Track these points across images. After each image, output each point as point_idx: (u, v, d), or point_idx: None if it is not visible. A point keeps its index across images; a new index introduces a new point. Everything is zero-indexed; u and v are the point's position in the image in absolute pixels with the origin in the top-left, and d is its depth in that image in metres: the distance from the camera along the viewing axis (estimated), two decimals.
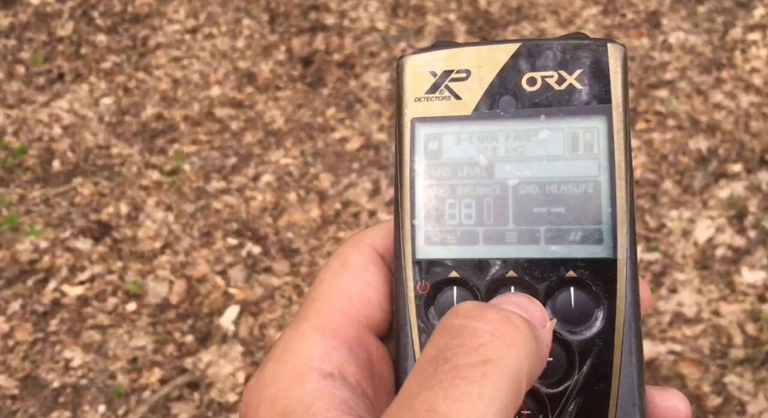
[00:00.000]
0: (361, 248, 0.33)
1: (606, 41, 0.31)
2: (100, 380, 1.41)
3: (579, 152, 0.31)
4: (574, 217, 0.30)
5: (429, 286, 0.31)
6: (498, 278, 0.31)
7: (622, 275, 0.29)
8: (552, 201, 0.31)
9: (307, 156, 1.84)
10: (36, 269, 1.61)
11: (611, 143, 0.30)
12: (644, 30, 1.99)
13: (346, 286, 0.32)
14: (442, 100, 0.33)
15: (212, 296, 1.54)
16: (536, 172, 0.31)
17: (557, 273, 0.30)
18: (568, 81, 0.31)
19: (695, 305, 1.39)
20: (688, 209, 1.56)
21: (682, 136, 1.71)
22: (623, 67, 0.31)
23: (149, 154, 1.88)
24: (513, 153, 0.32)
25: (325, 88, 2.03)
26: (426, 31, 2.15)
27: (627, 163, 0.30)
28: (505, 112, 0.32)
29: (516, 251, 0.31)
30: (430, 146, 0.32)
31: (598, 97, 0.31)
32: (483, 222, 0.31)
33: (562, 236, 0.30)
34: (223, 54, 2.16)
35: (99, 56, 2.17)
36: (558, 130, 0.31)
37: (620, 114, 0.31)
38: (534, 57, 0.32)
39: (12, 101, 2.04)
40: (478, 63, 0.32)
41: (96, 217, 1.71)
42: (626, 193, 0.30)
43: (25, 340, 1.48)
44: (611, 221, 0.30)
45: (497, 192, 0.31)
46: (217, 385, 1.38)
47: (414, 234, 0.32)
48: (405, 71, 0.34)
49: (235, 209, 1.73)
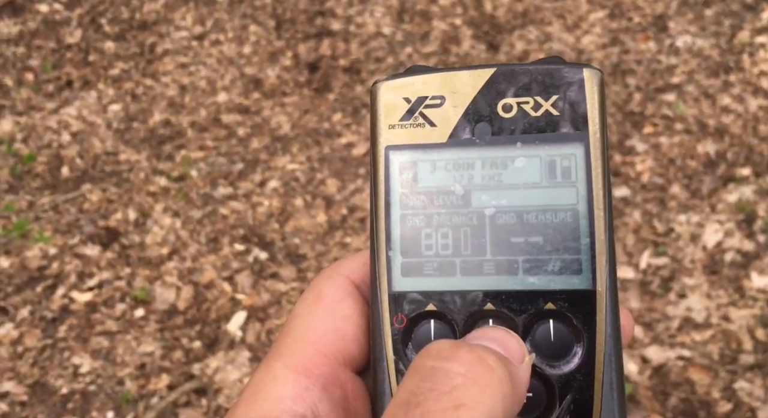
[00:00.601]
0: (337, 279, 0.32)
1: (582, 66, 0.31)
2: (108, 386, 1.41)
3: (556, 180, 0.30)
4: (552, 247, 0.30)
5: (406, 319, 0.30)
6: (476, 311, 0.30)
7: (601, 307, 0.29)
8: (530, 231, 0.30)
9: (313, 161, 1.85)
10: (45, 275, 1.62)
11: (589, 171, 0.30)
12: (651, 33, 1.98)
13: (320, 320, 0.30)
14: (417, 127, 0.32)
15: (219, 301, 1.55)
16: (513, 200, 0.30)
17: (536, 305, 0.29)
18: (545, 107, 0.31)
19: (704, 310, 1.38)
20: (696, 213, 1.55)
21: (689, 140, 1.70)
22: (600, 92, 0.31)
23: (157, 160, 1.89)
24: (489, 181, 0.31)
25: (332, 94, 2.04)
26: (432, 36, 2.15)
27: (605, 191, 0.30)
28: (480, 140, 0.31)
29: (494, 282, 0.30)
30: (405, 175, 0.32)
31: (575, 123, 0.30)
32: (460, 253, 0.31)
33: (541, 266, 0.30)
34: (230, 60, 2.17)
35: (107, 63, 2.18)
36: (535, 157, 0.30)
37: (597, 141, 0.30)
38: (509, 82, 0.31)
39: (21, 108, 2.05)
40: (452, 89, 0.32)
41: (104, 223, 1.72)
42: (605, 222, 0.29)
43: (34, 346, 1.49)
44: (590, 251, 0.29)
45: (474, 222, 0.31)
46: (225, 391, 1.39)
47: (390, 265, 0.31)
48: (378, 98, 0.33)
49: (241, 215, 1.73)
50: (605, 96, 0.31)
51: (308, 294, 0.32)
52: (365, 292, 0.32)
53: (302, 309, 0.31)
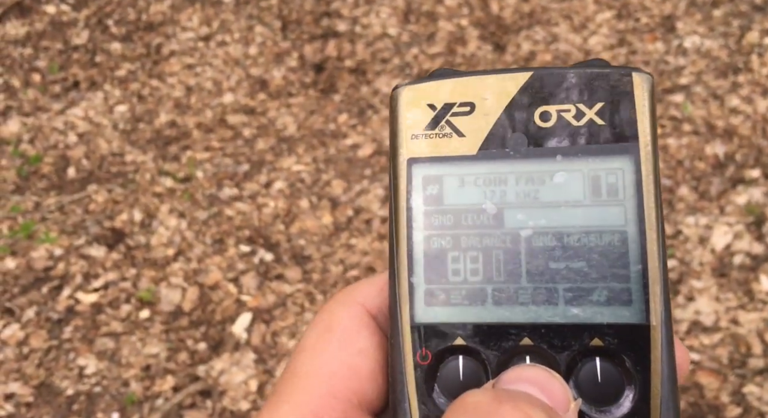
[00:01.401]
0: (351, 307, 0.29)
1: (631, 70, 0.28)
2: (113, 387, 1.41)
3: (601, 198, 0.27)
4: (598, 274, 0.26)
5: (431, 355, 0.27)
6: (511, 347, 0.27)
7: (656, 345, 0.25)
8: (571, 255, 0.27)
9: (319, 162, 1.84)
10: (50, 276, 1.62)
11: (639, 187, 0.27)
12: (659, 34, 1.97)
13: (331, 356, 0.27)
14: (443, 137, 0.29)
15: (225, 303, 1.55)
16: (552, 221, 0.27)
17: (580, 341, 0.26)
18: (588, 116, 0.28)
19: (713, 313, 1.37)
20: (704, 216, 1.54)
21: (698, 141, 1.69)
22: (651, 99, 0.27)
23: (162, 161, 1.89)
24: (525, 199, 0.28)
25: (337, 95, 2.03)
26: (438, 37, 2.14)
27: (658, 211, 0.26)
28: (515, 152, 0.28)
29: (531, 313, 0.27)
30: (430, 191, 0.29)
31: (623, 134, 0.27)
32: (492, 279, 0.27)
33: (585, 296, 0.26)
34: (236, 61, 2.17)
35: (113, 64, 2.19)
36: (576, 172, 0.27)
37: (649, 154, 0.27)
38: (548, 88, 0.28)
39: (28, 109, 2.06)
40: (483, 95, 0.29)
41: (110, 224, 1.73)
42: (658, 245, 0.26)
43: (40, 347, 1.49)
44: (641, 279, 0.26)
45: (508, 244, 0.28)
46: (230, 393, 1.38)
47: (412, 293, 0.28)
48: (400, 104, 0.29)
49: (247, 216, 1.73)
50: (656, 104, 0.28)
51: (318, 323, 0.28)
52: (383, 322, 0.29)
53: (311, 341, 0.28)
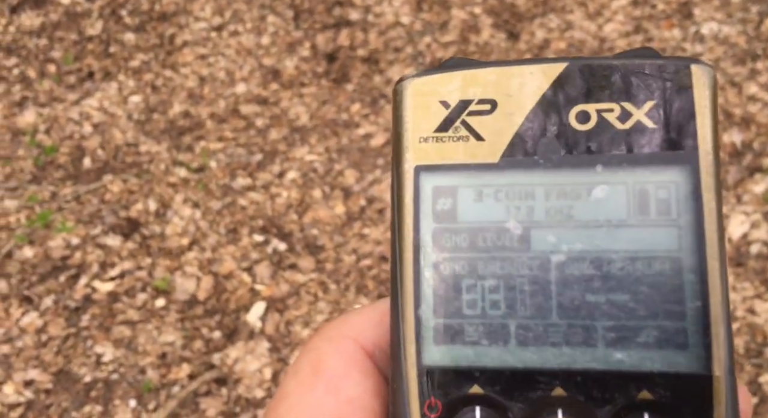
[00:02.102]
0: (341, 343, 0.24)
1: (689, 61, 0.23)
2: (130, 374, 1.43)
3: (650, 217, 0.23)
4: (646, 310, 0.22)
5: (441, 406, 0.23)
6: (540, 399, 0.22)
7: (720, 399, 0.21)
8: (613, 286, 0.22)
9: (331, 152, 1.85)
10: (68, 265, 1.65)
11: (698, 205, 0.22)
12: (675, 21, 1.94)
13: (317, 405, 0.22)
14: (458, 141, 0.24)
15: (239, 292, 1.56)
16: (590, 244, 0.23)
17: (625, 393, 0.22)
18: (636, 117, 0.23)
19: (729, 302, 1.36)
20: None
21: None
22: (713, 97, 0.23)
23: (176, 151, 1.90)
24: (557, 217, 0.23)
25: (350, 84, 2.03)
26: (451, 25, 2.13)
27: (720, 235, 0.22)
28: (545, 160, 0.24)
29: (564, 357, 0.22)
30: (441, 205, 0.24)
31: (679, 140, 0.23)
32: (516, 314, 0.23)
33: (630, 337, 0.22)
34: (249, 51, 2.17)
35: (127, 55, 2.20)
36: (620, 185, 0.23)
37: (710, 164, 0.22)
38: (587, 83, 0.24)
39: (44, 100, 2.08)
40: (507, 90, 0.24)
41: (125, 214, 1.74)
42: (721, 277, 0.22)
43: (58, 335, 1.51)
44: (701, 318, 0.21)
45: (535, 271, 0.23)
46: (245, 381, 1.40)
47: (419, 329, 0.23)
48: (405, 100, 0.25)
49: (260, 206, 1.74)
50: (718, 103, 0.24)
51: (302, 363, 0.24)
52: (380, 361, 0.24)
53: (293, 387, 0.23)
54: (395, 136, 0.25)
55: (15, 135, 1.98)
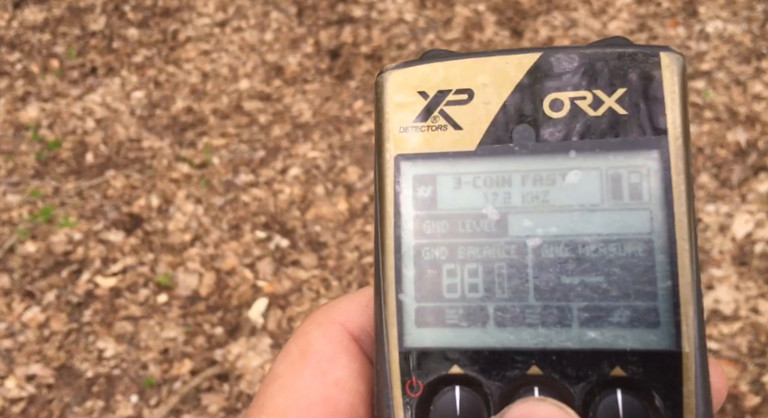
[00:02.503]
0: (329, 328, 0.25)
1: (657, 49, 0.24)
2: (132, 370, 1.43)
3: (623, 201, 0.23)
4: (619, 291, 0.23)
5: (422, 386, 0.23)
6: (517, 376, 0.23)
7: (690, 375, 0.21)
8: (587, 268, 0.23)
9: (334, 149, 1.84)
10: (70, 260, 1.64)
11: (668, 189, 0.23)
12: (680, 19, 1.94)
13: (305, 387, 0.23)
14: (437, 130, 0.25)
15: (241, 288, 1.56)
16: (565, 228, 0.23)
17: (598, 370, 0.22)
18: (607, 104, 0.24)
19: (733, 302, 1.35)
20: (725, 204, 1.52)
21: (719, 128, 1.66)
22: (682, 84, 0.23)
23: (179, 147, 1.90)
24: (533, 202, 0.24)
25: (353, 81, 2.02)
26: (455, 23, 2.12)
27: (690, 217, 0.23)
28: (521, 147, 0.24)
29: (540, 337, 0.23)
30: (421, 192, 0.25)
31: (649, 125, 0.23)
32: (494, 296, 0.23)
33: (603, 317, 0.23)
34: (252, 47, 2.17)
35: (130, 50, 2.19)
36: (593, 170, 0.24)
37: (679, 149, 0.23)
38: (560, 71, 0.24)
39: (47, 95, 2.07)
40: (483, 80, 0.25)
41: (128, 209, 1.74)
42: (691, 258, 0.22)
43: (60, 330, 1.51)
44: (671, 297, 0.22)
45: (512, 255, 0.24)
46: (246, 377, 1.40)
47: (401, 313, 0.24)
48: (386, 91, 0.25)
49: (263, 202, 1.73)
50: (688, 89, 0.24)
51: (292, 347, 0.25)
52: (366, 345, 0.25)
53: (283, 369, 0.24)
54: (377, 127, 0.26)
55: (18, 130, 1.97)
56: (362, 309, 0.25)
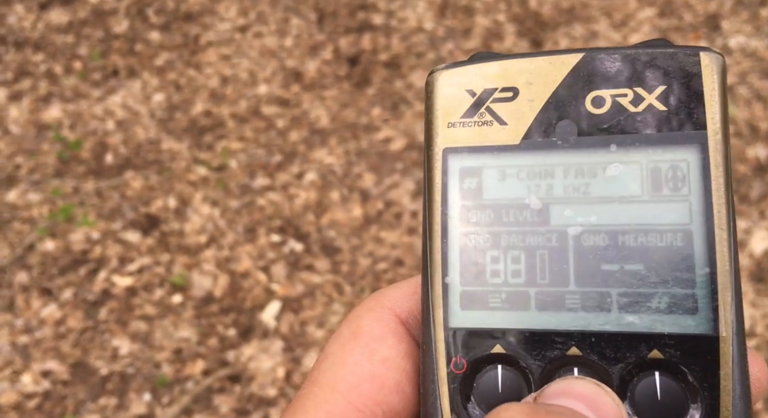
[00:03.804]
0: (378, 312, 0.26)
1: (698, 49, 0.25)
2: (146, 369, 1.44)
3: (662, 193, 0.24)
4: (658, 277, 0.23)
5: (466, 364, 0.25)
6: (557, 357, 0.24)
7: (726, 358, 0.22)
8: (627, 256, 0.24)
9: (351, 155, 1.85)
10: (88, 258, 1.66)
11: (707, 181, 0.23)
12: (702, 33, 1.93)
13: (355, 364, 0.25)
14: (483, 125, 0.26)
15: (254, 291, 1.57)
16: (605, 218, 0.24)
17: (636, 353, 0.23)
18: (648, 101, 0.25)
19: (749, 318, 1.34)
20: (744, 220, 1.50)
21: (739, 143, 1.65)
22: (722, 82, 0.24)
23: (197, 149, 1.92)
24: (574, 193, 0.25)
25: (371, 88, 2.03)
26: (474, 33, 2.13)
27: (729, 207, 0.23)
28: (563, 141, 0.25)
29: (580, 320, 0.24)
30: (468, 184, 0.26)
31: (689, 121, 0.24)
32: (535, 282, 0.25)
33: (642, 302, 0.23)
34: (272, 53, 2.19)
35: (152, 53, 2.23)
36: (634, 163, 0.24)
37: (719, 143, 0.24)
38: (601, 70, 0.25)
39: (69, 96, 2.11)
40: (528, 79, 0.26)
41: (145, 210, 1.76)
42: (729, 246, 0.23)
43: (76, 327, 1.53)
44: (709, 283, 0.23)
45: (554, 243, 0.25)
46: (258, 379, 1.40)
47: (447, 296, 0.25)
48: (436, 90, 0.27)
49: (278, 206, 1.75)
50: (727, 87, 0.25)
51: (343, 330, 0.26)
52: (413, 328, 0.27)
53: (335, 348, 0.26)
54: (426, 123, 0.27)
55: (40, 130, 2.01)
56: (409, 296, 0.27)
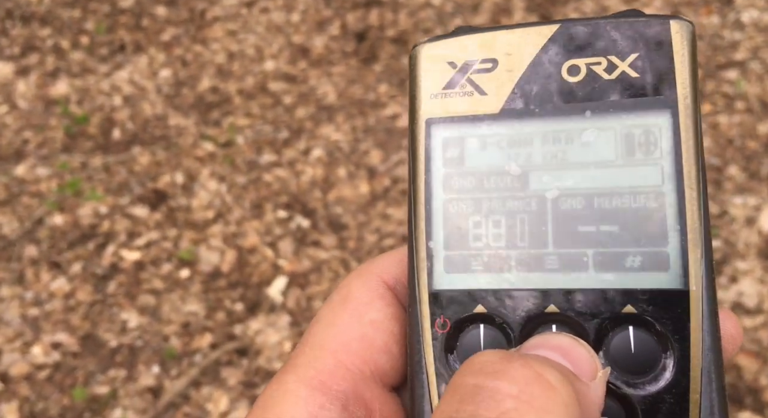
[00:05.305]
0: (367, 278, 0.28)
1: (668, 18, 0.25)
2: (154, 341, 1.46)
3: (635, 157, 0.25)
4: (632, 237, 0.24)
5: (450, 324, 0.25)
6: (536, 315, 0.25)
7: (696, 311, 0.23)
8: (602, 218, 0.25)
9: (357, 132, 1.84)
10: (96, 233, 1.68)
11: (677, 144, 0.24)
12: (714, 7, 1.89)
13: (344, 326, 0.26)
14: (464, 96, 0.27)
15: (261, 266, 1.57)
16: (581, 182, 0.25)
17: (611, 308, 0.24)
18: (621, 68, 0.25)
19: (756, 295, 1.34)
20: (753, 196, 1.49)
21: (750, 119, 1.63)
22: (691, 49, 0.25)
23: (204, 125, 1.91)
24: (552, 159, 0.26)
25: (378, 65, 2.02)
26: (483, 7, 2.10)
27: (698, 169, 0.24)
28: (541, 110, 0.26)
29: (558, 280, 0.25)
30: (450, 152, 0.27)
31: (660, 87, 0.25)
32: (516, 244, 0.26)
33: (617, 261, 0.24)
34: (278, 28, 2.17)
35: (158, 28, 2.21)
36: (608, 129, 0.25)
37: (688, 107, 0.24)
38: (577, 40, 0.26)
39: (76, 71, 2.10)
40: (506, 50, 0.27)
41: (153, 185, 1.77)
42: (699, 206, 0.24)
43: (85, 300, 1.55)
44: (680, 241, 0.24)
45: (533, 207, 0.26)
46: (265, 352, 1.42)
47: (431, 259, 0.26)
48: (419, 62, 0.28)
49: (285, 182, 1.75)
50: (697, 53, 0.25)
51: (334, 295, 0.28)
52: (400, 293, 0.28)
53: (325, 312, 0.27)
54: (410, 94, 0.28)
55: (48, 105, 2.01)
56: (397, 263, 0.28)
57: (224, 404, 1.35)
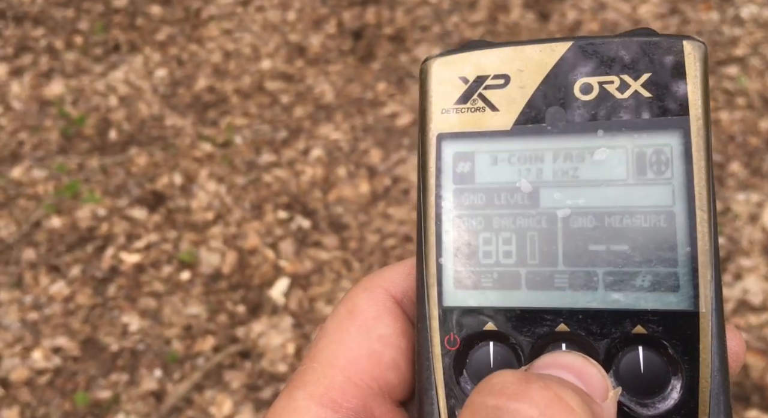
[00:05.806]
0: (374, 292, 0.28)
1: (681, 38, 0.25)
2: (156, 345, 1.44)
3: (647, 176, 0.25)
4: (642, 257, 0.24)
5: (459, 341, 0.26)
6: (546, 334, 0.25)
7: (706, 333, 0.23)
8: (613, 237, 0.25)
9: (357, 131, 1.83)
10: (95, 235, 1.66)
11: (689, 165, 0.24)
12: (713, 3, 1.89)
13: (352, 341, 0.26)
14: (475, 111, 0.27)
15: (263, 268, 1.56)
16: (592, 200, 0.25)
17: (621, 328, 0.24)
18: (633, 88, 0.26)
19: (761, 292, 1.34)
20: (756, 193, 1.49)
21: (752, 115, 1.63)
22: (703, 70, 0.25)
23: (201, 126, 1.90)
24: (563, 177, 0.26)
25: (376, 63, 2.01)
26: (480, 5, 2.09)
27: (709, 190, 0.24)
28: (552, 127, 0.26)
29: (568, 298, 0.25)
30: (461, 168, 0.27)
31: (672, 107, 0.25)
32: (526, 262, 0.26)
33: (627, 281, 0.25)
34: (274, 27, 2.15)
35: (153, 28, 2.19)
36: (619, 148, 0.25)
37: (700, 128, 0.25)
38: (589, 58, 0.26)
39: (71, 71, 2.08)
40: (519, 66, 0.27)
41: (151, 186, 1.75)
42: (709, 227, 0.24)
43: (85, 304, 1.53)
44: (690, 262, 0.24)
45: (543, 225, 0.26)
46: (268, 355, 1.41)
47: (441, 276, 0.26)
48: (430, 77, 0.28)
49: (285, 183, 1.73)
50: (708, 75, 0.26)
51: (340, 310, 0.27)
52: (408, 308, 0.28)
53: (332, 327, 0.27)
54: (421, 109, 0.28)
55: (42, 106, 1.98)
56: (404, 276, 0.28)
57: (228, 407, 1.34)
